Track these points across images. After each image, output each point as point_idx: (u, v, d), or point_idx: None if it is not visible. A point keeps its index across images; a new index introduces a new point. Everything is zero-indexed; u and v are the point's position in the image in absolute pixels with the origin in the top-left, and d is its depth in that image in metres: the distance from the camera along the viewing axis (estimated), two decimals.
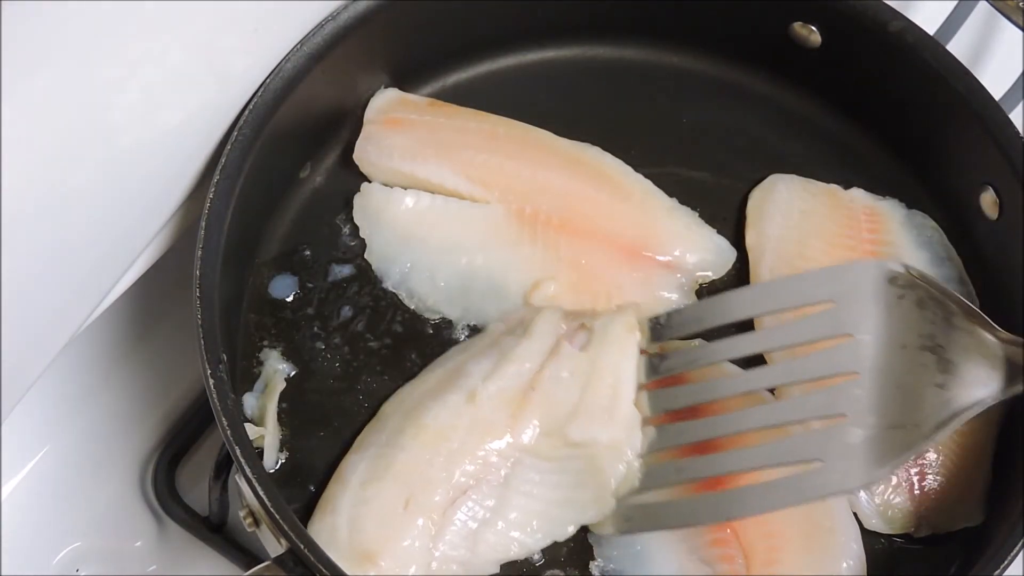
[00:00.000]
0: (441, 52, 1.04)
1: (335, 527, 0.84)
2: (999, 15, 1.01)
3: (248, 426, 0.87)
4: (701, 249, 0.98)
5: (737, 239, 1.00)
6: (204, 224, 0.86)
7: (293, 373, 0.93)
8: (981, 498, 0.90)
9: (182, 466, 1.06)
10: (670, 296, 0.96)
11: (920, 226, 1.00)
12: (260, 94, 0.90)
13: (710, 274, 0.98)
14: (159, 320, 1.07)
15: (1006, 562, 0.81)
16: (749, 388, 0.88)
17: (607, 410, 0.88)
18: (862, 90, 1.02)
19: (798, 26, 1.01)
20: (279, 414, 0.91)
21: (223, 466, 0.96)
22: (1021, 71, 1.08)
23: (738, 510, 0.84)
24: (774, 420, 0.86)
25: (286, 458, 0.90)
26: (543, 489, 0.87)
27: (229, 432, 0.80)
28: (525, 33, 1.05)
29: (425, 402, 0.88)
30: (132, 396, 1.07)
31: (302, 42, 0.92)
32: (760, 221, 0.99)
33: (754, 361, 0.91)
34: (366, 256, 0.97)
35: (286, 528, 0.78)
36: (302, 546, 0.78)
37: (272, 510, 0.78)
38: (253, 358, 0.93)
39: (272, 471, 0.89)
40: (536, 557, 0.88)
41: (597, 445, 0.87)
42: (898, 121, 1.02)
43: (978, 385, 0.81)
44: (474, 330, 0.95)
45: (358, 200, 0.98)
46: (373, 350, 0.94)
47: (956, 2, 1.10)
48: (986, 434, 0.92)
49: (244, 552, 1.02)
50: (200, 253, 0.85)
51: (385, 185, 0.98)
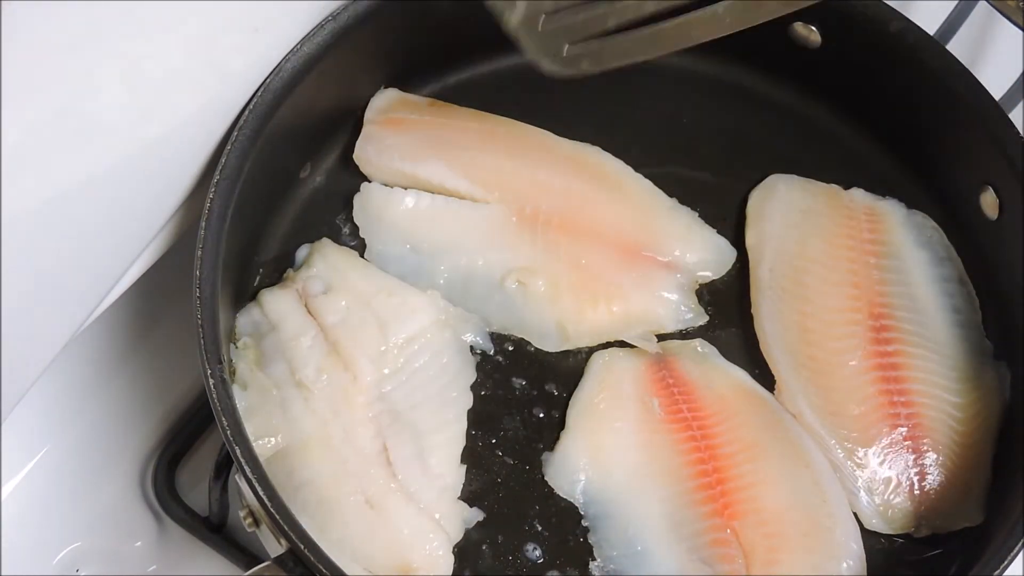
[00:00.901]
0: (441, 52, 1.04)
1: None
2: (999, 15, 1.01)
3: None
4: (701, 249, 0.98)
5: (737, 239, 1.00)
6: (204, 224, 0.86)
7: None
8: (981, 498, 0.90)
9: (182, 466, 1.06)
10: (670, 296, 0.96)
11: (920, 226, 1.00)
12: (260, 94, 0.90)
13: (710, 274, 0.98)
14: (159, 320, 1.07)
15: (1006, 562, 0.81)
16: None
17: (393, 295, 0.92)
18: (862, 90, 1.03)
19: (798, 26, 1.01)
20: None
21: (223, 466, 0.96)
22: (1021, 71, 1.08)
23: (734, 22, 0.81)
24: None
25: None
26: (426, 388, 0.90)
27: (229, 432, 0.80)
28: None
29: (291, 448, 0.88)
30: (132, 396, 1.07)
31: (302, 42, 0.92)
32: (760, 221, 0.99)
33: None
34: (366, 256, 0.97)
35: (286, 528, 0.78)
36: (302, 546, 0.78)
37: (272, 510, 0.78)
38: None
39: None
40: (536, 556, 0.88)
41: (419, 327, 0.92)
42: (898, 121, 1.02)
43: None
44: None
45: (358, 200, 0.98)
46: None
47: (956, 2, 1.10)
48: (986, 434, 0.92)
49: (244, 552, 1.02)
50: (200, 253, 0.85)
51: (385, 185, 0.98)
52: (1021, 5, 0.99)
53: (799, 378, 0.93)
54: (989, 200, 0.96)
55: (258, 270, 0.96)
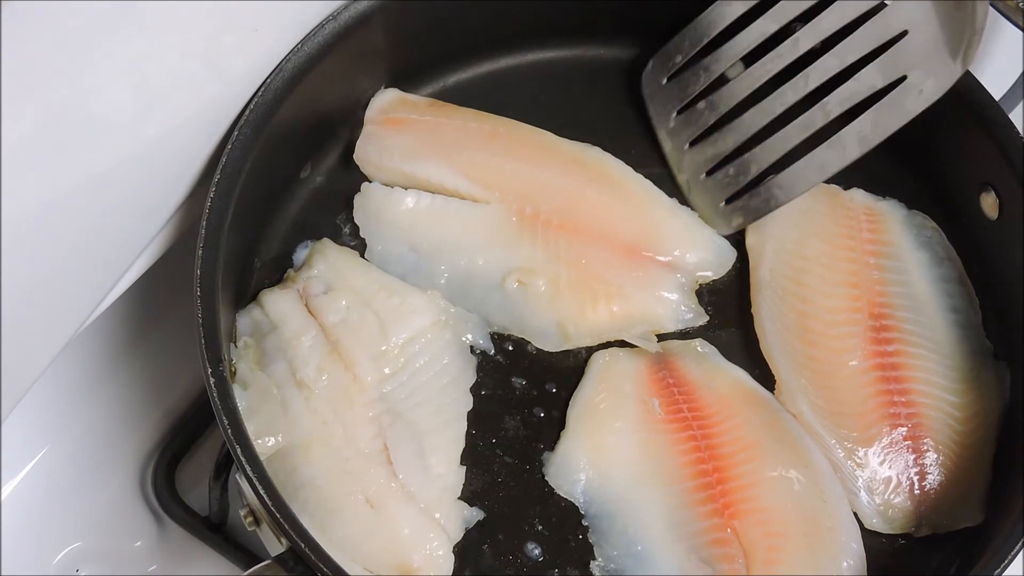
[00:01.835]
0: (441, 52, 1.04)
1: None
2: (999, 15, 1.01)
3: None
4: (701, 249, 0.98)
5: (737, 239, 1.00)
6: (204, 224, 0.86)
7: None
8: (981, 498, 0.90)
9: (182, 466, 1.06)
10: (670, 296, 0.96)
11: (920, 226, 1.00)
12: (261, 94, 0.90)
13: (710, 274, 0.98)
14: (159, 320, 1.07)
15: (1006, 562, 0.81)
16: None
17: (393, 295, 0.92)
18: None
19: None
20: None
21: (223, 466, 0.96)
22: (1021, 71, 1.08)
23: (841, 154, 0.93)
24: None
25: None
26: (426, 389, 0.90)
27: (230, 431, 0.80)
28: (525, 33, 1.06)
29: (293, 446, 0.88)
30: (132, 396, 1.07)
31: (303, 42, 0.92)
32: (760, 221, 0.99)
33: None
34: (366, 256, 0.97)
35: (287, 527, 0.78)
36: (303, 544, 0.78)
37: (273, 509, 0.78)
38: None
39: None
40: (536, 556, 0.88)
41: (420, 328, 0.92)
42: None
43: None
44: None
45: (359, 200, 0.98)
46: None
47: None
48: (986, 434, 0.92)
49: (244, 552, 1.02)
50: (200, 253, 0.85)
51: (385, 185, 0.98)
52: (1021, 5, 0.99)
53: (799, 378, 0.93)
54: (989, 200, 0.96)
55: (258, 270, 0.96)
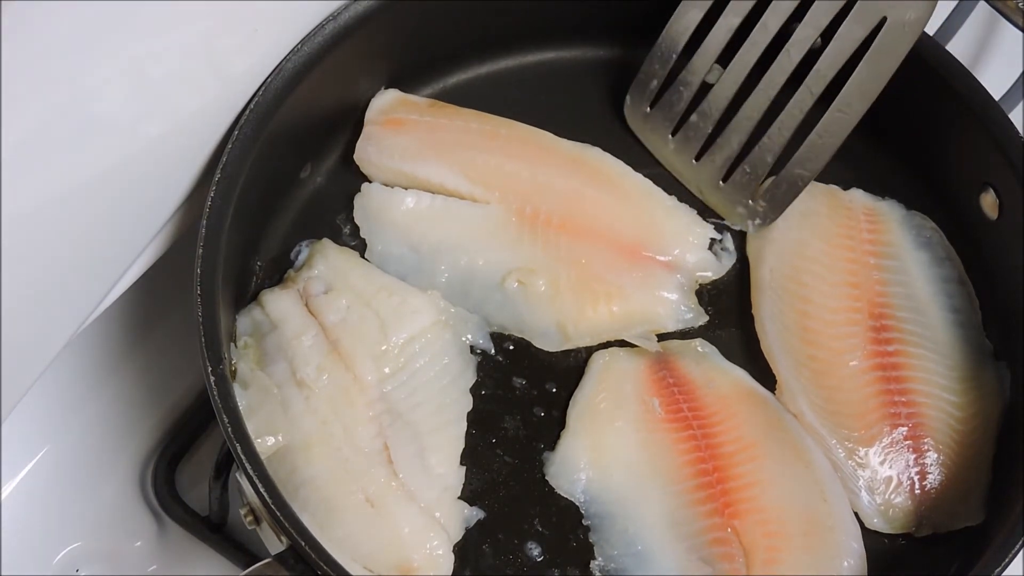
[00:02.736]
0: (441, 53, 1.04)
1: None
2: (999, 15, 1.01)
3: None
4: (701, 249, 0.98)
5: (737, 239, 1.00)
6: (204, 224, 0.86)
7: None
8: (981, 498, 0.90)
9: (182, 466, 1.06)
10: (670, 296, 0.96)
11: (920, 226, 1.00)
12: (261, 94, 0.90)
13: (710, 274, 0.98)
14: (159, 320, 1.07)
15: (1006, 562, 0.81)
16: None
17: (393, 295, 0.92)
18: None
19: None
20: None
21: (223, 466, 0.96)
22: (1021, 71, 1.08)
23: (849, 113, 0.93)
24: None
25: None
26: (427, 389, 0.90)
27: (230, 430, 0.80)
28: (525, 34, 1.06)
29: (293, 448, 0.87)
30: (132, 396, 1.07)
31: (303, 42, 0.93)
32: None
33: None
34: (366, 256, 0.97)
35: (287, 525, 0.78)
36: (303, 543, 0.78)
37: (273, 507, 0.78)
38: None
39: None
40: (537, 555, 0.88)
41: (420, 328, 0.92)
42: (898, 121, 1.02)
43: None
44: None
45: (359, 200, 0.98)
46: None
47: (956, 2, 1.10)
48: (986, 434, 0.92)
49: (244, 551, 1.02)
50: (200, 252, 0.85)
51: (386, 185, 0.98)
52: (1021, 5, 0.99)
53: (799, 378, 0.93)
54: (989, 200, 0.96)
55: (258, 270, 0.96)
